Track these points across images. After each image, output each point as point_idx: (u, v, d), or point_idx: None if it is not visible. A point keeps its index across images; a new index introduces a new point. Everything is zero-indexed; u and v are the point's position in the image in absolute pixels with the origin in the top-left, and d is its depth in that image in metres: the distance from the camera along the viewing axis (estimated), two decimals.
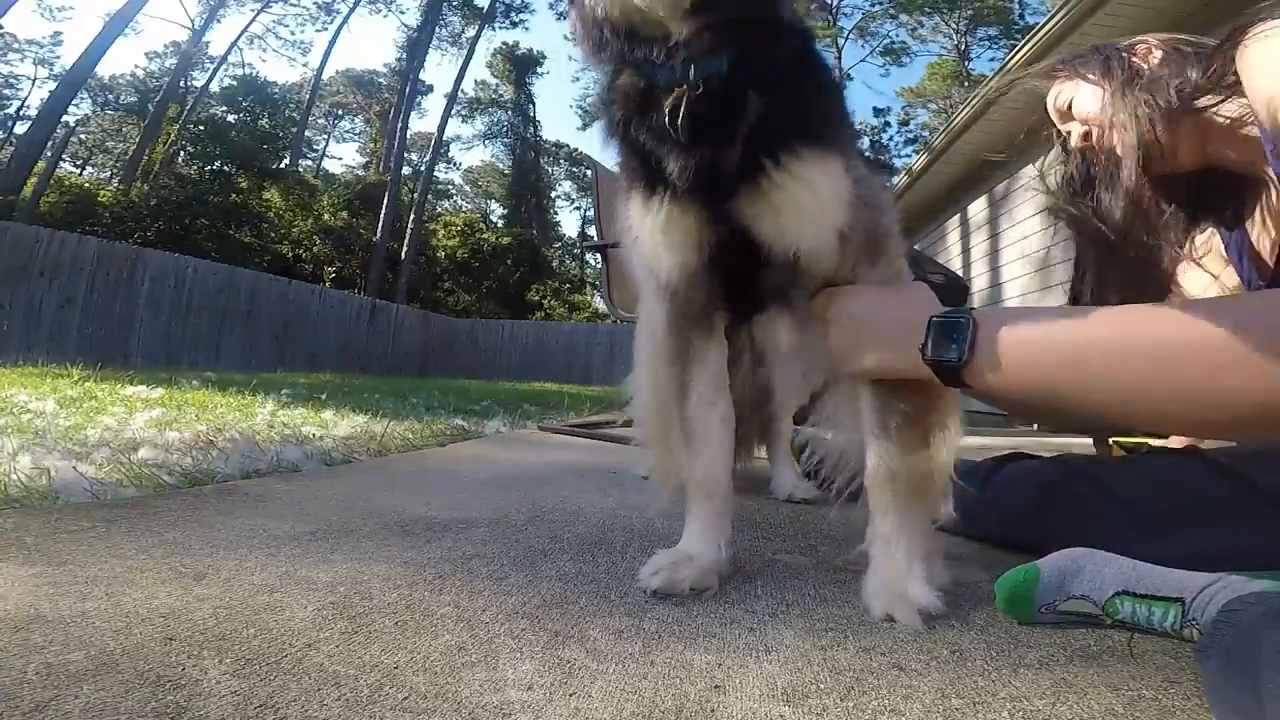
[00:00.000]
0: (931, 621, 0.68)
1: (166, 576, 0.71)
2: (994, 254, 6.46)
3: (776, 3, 0.71)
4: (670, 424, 0.84)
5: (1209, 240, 1.03)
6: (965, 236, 7.24)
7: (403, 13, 26.54)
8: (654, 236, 0.75)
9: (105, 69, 24.87)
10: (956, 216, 7.42)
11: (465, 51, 24.44)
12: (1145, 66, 0.89)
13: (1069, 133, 1.00)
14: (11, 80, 23.19)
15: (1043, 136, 1.07)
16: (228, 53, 24.45)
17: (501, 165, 31.49)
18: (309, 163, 28.44)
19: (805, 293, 0.79)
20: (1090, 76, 0.94)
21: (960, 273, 5.83)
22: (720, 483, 0.83)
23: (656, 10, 0.67)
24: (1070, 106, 0.99)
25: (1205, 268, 0.99)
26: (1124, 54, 0.92)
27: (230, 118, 22.63)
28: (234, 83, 24.06)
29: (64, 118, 17.38)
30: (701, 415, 0.82)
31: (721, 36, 0.68)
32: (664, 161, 0.72)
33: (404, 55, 24.75)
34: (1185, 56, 0.87)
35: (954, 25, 25.77)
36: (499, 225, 26.89)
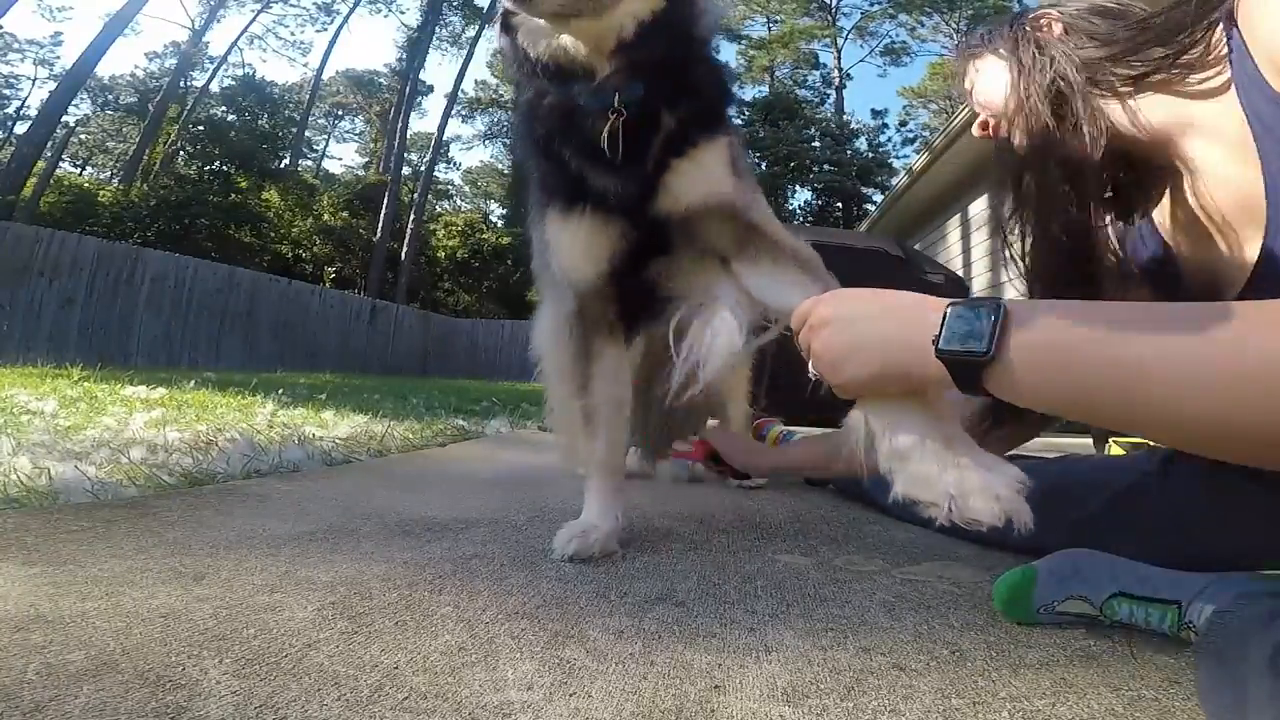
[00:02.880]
0: (932, 622, 0.67)
1: (166, 576, 0.71)
2: (995, 253, 6.46)
3: (688, 40, 0.83)
4: (575, 413, 0.95)
5: None
6: (965, 236, 7.24)
7: (403, 13, 26.52)
8: (573, 246, 0.86)
9: (105, 69, 24.86)
10: (957, 216, 7.42)
11: (465, 51, 24.41)
12: (1048, 39, 0.78)
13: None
14: (11, 80, 23.16)
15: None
16: (228, 53, 24.43)
17: (501, 165, 31.43)
18: (309, 163, 28.41)
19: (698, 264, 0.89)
20: (1001, 52, 0.83)
21: (960, 273, 5.84)
22: (617, 463, 0.95)
23: (582, 54, 0.80)
24: (973, 91, 0.89)
25: None
26: (1028, 26, 0.81)
27: (230, 118, 22.61)
28: (234, 83, 24.02)
29: (64, 118, 17.35)
30: (602, 405, 0.93)
31: (639, 70, 0.80)
32: (588, 178, 0.82)
33: (404, 55, 24.72)
34: (1094, 26, 0.75)
35: (954, 25, 25.76)
36: (499, 225, 26.86)
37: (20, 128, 20.18)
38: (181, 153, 21.12)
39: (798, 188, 26.22)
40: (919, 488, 0.63)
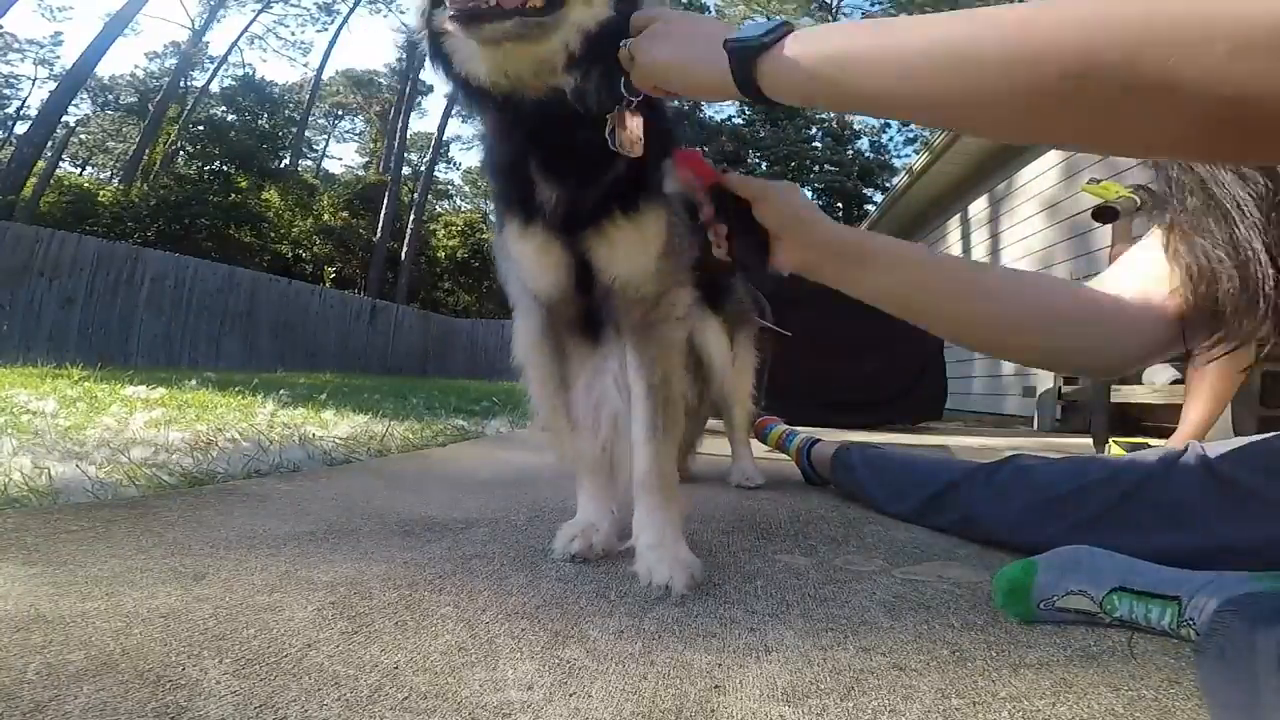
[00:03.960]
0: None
1: (166, 576, 0.71)
2: (995, 253, 6.46)
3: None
4: (559, 413, 0.94)
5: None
6: (966, 236, 7.25)
7: (403, 13, 26.52)
8: (529, 257, 0.84)
9: (105, 69, 24.92)
10: (957, 216, 7.43)
11: None
12: None
13: None
14: (11, 80, 23.18)
15: None
16: (228, 53, 24.44)
17: None
18: (309, 163, 28.44)
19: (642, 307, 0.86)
20: None
21: None
22: (602, 461, 0.94)
23: (526, 77, 0.74)
24: None
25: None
26: None
27: (230, 118, 22.65)
28: (234, 83, 24.04)
29: (64, 118, 17.36)
30: (582, 406, 0.93)
31: (589, 83, 0.74)
32: (536, 192, 0.79)
33: (404, 55, 24.72)
34: None
35: None
36: None
37: (20, 128, 20.21)
38: (181, 153, 21.15)
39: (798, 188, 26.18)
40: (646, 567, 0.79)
